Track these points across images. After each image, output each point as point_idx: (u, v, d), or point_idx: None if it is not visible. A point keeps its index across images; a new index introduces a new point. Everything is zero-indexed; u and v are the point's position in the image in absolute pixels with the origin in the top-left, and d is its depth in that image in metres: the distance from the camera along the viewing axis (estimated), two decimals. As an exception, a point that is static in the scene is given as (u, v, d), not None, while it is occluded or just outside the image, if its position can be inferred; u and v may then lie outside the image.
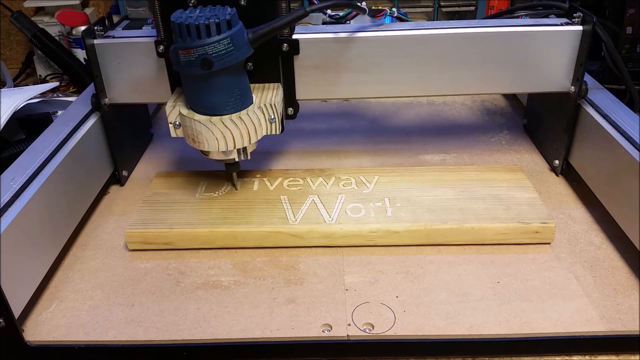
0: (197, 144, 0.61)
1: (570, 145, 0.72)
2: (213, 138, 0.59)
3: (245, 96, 0.60)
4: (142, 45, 0.67)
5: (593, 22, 0.64)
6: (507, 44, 0.66)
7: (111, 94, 0.70)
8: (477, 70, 0.68)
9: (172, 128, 0.63)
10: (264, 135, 0.62)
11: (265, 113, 0.61)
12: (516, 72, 0.68)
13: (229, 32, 0.55)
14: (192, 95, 0.60)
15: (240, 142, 0.61)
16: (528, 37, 0.66)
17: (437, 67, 0.67)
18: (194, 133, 0.60)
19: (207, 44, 0.54)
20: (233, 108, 0.59)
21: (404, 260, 0.60)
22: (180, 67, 0.57)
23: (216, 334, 0.52)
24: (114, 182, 0.75)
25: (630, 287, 0.56)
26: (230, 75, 0.58)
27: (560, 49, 0.67)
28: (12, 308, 0.50)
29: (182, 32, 0.55)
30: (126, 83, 0.69)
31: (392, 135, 0.86)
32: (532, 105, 0.85)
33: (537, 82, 0.69)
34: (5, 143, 0.79)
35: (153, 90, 0.69)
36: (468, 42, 0.66)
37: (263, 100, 0.62)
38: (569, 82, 0.69)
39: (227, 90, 0.58)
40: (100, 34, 0.68)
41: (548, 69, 0.68)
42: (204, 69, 0.55)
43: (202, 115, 0.59)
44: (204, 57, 0.55)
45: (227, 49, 0.55)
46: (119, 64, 0.68)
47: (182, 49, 0.55)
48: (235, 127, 0.59)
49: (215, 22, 0.54)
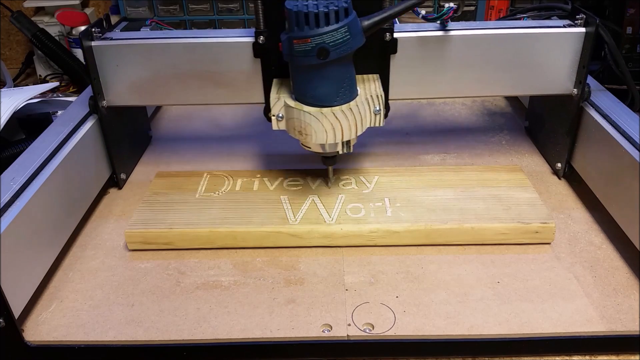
0: (305, 136, 0.60)
1: (573, 148, 0.71)
2: (322, 130, 0.58)
3: (353, 87, 0.60)
4: (140, 47, 0.66)
5: (596, 23, 0.64)
6: (510, 46, 0.66)
7: (109, 96, 0.69)
8: (479, 73, 0.67)
9: (275, 121, 0.61)
10: (367, 127, 0.61)
11: (371, 104, 0.60)
12: (518, 75, 0.68)
13: (346, 20, 0.54)
14: (301, 86, 0.58)
15: (347, 134, 0.60)
16: (530, 39, 0.66)
17: (438, 69, 0.67)
18: (301, 125, 0.59)
19: (325, 33, 0.53)
20: (342, 99, 0.58)
21: (404, 260, 0.60)
22: (292, 56, 0.56)
23: (216, 334, 0.52)
24: (112, 185, 0.75)
25: (630, 287, 0.56)
26: (343, 65, 0.57)
27: (562, 51, 0.66)
28: (12, 308, 0.50)
29: (299, 21, 0.53)
30: (124, 85, 0.68)
31: (392, 135, 0.86)
32: (533, 108, 0.84)
33: (540, 85, 0.69)
34: (5, 143, 0.79)
35: (151, 93, 0.69)
36: (470, 44, 0.66)
37: (368, 91, 0.61)
38: (571, 85, 0.68)
39: (338, 81, 0.57)
40: (98, 35, 0.67)
41: (550, 71, 0.68)
42: (319, 58, 0.54)
43: (312, 106, 0.58)
44: (321, 47, 0.54)
45: (344, 38, 0.54)
46: (117, 66, 0.67)
47: (298, 38, 0.54)
48: (345, 118, 0.58)
49: (334, 9, 0.53)
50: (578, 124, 0.69)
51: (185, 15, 1.16)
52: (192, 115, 0.95)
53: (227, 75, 0.67)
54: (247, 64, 0.66)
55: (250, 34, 0.65)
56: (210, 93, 0.69)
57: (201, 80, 0.68)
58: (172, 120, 0.94)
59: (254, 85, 0.68)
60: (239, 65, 0.66)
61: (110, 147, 0.72)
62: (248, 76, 0.67)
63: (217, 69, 0.67)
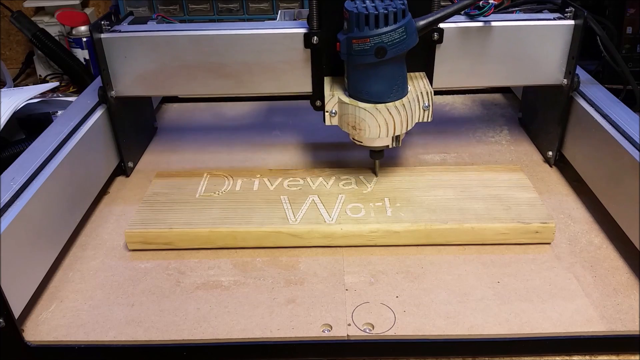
0: (358, 131, 0.62)
1: (563, 136, 0.73)
2: (376, 125, 0.61)
3: (405, 84, 0.62)
4: (148, 39, 0.68)
5: (584, 16, 0.66)
6: (502, 38, 0.68)
7: (117, 86, 0.71)
8: (473, 64, 0.69)
9: (328, 116, 0.64)
10: (416, 122, 0.64)
11: (421, 101, 0.63)
12: (511, 66, 0.70)
13: (403, 20, 0.57)
14: (358, 83, 0.61)
15: (399, 129, 0.62)
16: (522, 31, 0.68)
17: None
18: (355, 120, 0.62)
19: (384, 33, 0.56)
20: (395, 96, 0.61)
21: (404, 260, 0.60)
22: (350, 55, 0.59)
23: (216, 334, 0.52)
24: (119, 173, 0.77)
25: (630, 287, 0.56)
26: (397, 63, 0.60)
27: (553, 43, 0.69)
28: (12, 308, 0.50)
29: (359, 22, 0.56)
30: (132, 76, 0.71)
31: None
32: (527, 99, 0.87)
33: (531, 75, 0.71)
34: (5, 143, 0.79)
35: (158, 83, 0.71)
36: (463, 36, 0.68)
37: (417, 88, 0.64)
38: (561, 75, 0.70)
39: (393, 78, 0.60)
40: (107, 28, 0.69)
41: (542, 63, 0.70)
42: (377, 57, 0.57)
43: (366, 102, 0.61)
44: (380, 46, 0.56)
45: (401, 38, 0.57)
46: (125, 58, 0.69)
47: (357, 38, 0.57)
48: (398, 114, 0.61)
49: (393, 11, 0.56)
50: (568, 113, 0.72)
51: (185, 15, 1.16)
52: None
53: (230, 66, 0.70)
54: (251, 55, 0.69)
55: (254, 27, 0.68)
56: (213, 84, 0.71)
57: (206, 72, 0.70)
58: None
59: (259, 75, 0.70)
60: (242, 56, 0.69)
61: (118, 136, 0.74)
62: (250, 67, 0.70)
63: (221, 60, 0.69)
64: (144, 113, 0.86)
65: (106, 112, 0.73)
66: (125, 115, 0.75)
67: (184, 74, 0.70)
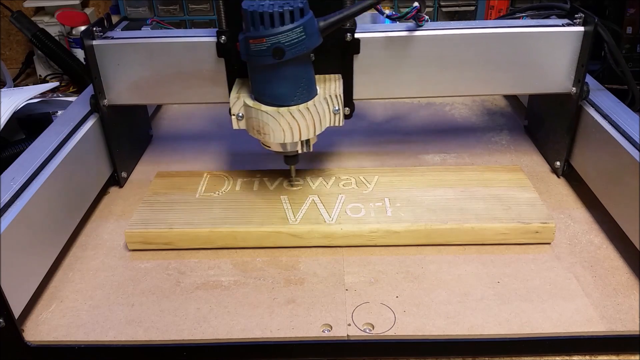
0: (263, 135, 0.60)
1: (572, 146, 0.71)
2: (280, 129, 0.59)
3: (312, 87, 0.60)
4: (141, 46, 0.66)
5: (595, 23, 0.64)
6: (509, 45, 0.66)
7: (110, 95, 0.70)
8: (479, 72, 0.68)
9: (235, 120, 0.62)
10: (327, 127, 0.62)
11: (330, 104, 0.61)
12: (517, 73, 0.68)
13: (301, 20, 0.54)
14: (259, 85, 0.59)
15: (305, 134, 0.60)
16: (529, 38, 0.66)
17: (438, 68, 0.67)
18: (259, 124, 0.59)
19: (280, 33, 0.54)
20: (300, 99, 0.59)
21: (404, 260, 0.60)
22: (249, 56, 0.56)
23: (216, 334, 0.52)
24: (113, 183, 0.75)
25: (630, 287, 0.56)
26: (299, 65, 0.57)
27: (561, 50, 0.66)
28: (12, 308, 0.50)
29: (254, 21, 0.54)
30: (125, 84, 0.69)
31: (392, 135, 0.86)
32: (533, 107, 0.84)
33: (539, 84, 0.69)
34: (5, 143, 0.79)
35: (152, 92, 0.69)
36: (468, 42, 0.66)
37: (327, 91, 0.62)
38: (570, 84, 0.68)
39: (296, 81, 0.58)
40: (99, 35, 0.68)
41: (549, 70, 0.68)
42: (275, 58, 0.55)
43: (269, 106, 0.59)
44: (277, 46, 0.54)
45: (299, 38, 0.55)
46: (118, 65, 0.67)
47: (253, 38, 0.54)
48: (302, 118, 0.59)
49: (289, 9, 0.54)
50: (577, 123, 0.70)
51: (185, 15, 1.16)
52: (192, 115, 0.95)
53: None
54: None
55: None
56: (210, 92, 0.69)
57: (202, 80, 0.68)
58: (173, 120, 0.94)
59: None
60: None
61: (111, 146, 0.72)
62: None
63: (218, 68, 0.67)
64: (139, 121, 0.84)
65: (98, 121, 0.70)
66: (119, 124, 0.73)
67: (179, 81, 0.68)
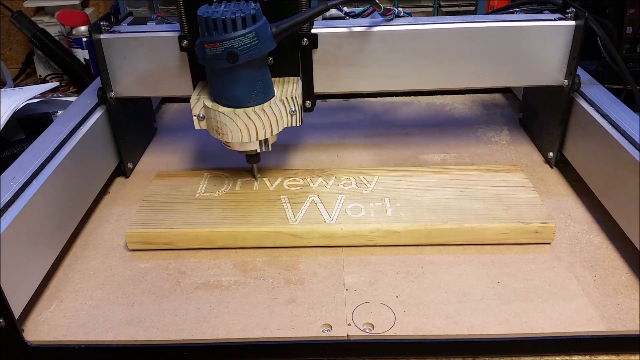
0: (221, 135, 0.63)
1: (564, 137, 0.73)
2: (237, 129, 0.61)
3: (268, 89, 0.62)
4: (147, 40, 0.68)
5: (585, 17, 0.66)
6: (503, 39, 0.68)
7: (117, 87, 0.72)
8: (473, 65, 0.69)
9: (196, 120, 0.64)
10: (284, 127, 0.64)
11: (287, 105, 0.63)
12: (511, 66, 0.70)
13: (254, 26, 0.57)
14: (216, 88, 0.62)
15: (262, 134, 0.62)
16: (523, 32, 0.68)
17: (434, 61, 0.69)
18: (218, 125, 0.62)
19: (233, 38, 0.56)
20: (256, 100, 0.61)
21: (404, 260, 0.60)
22: (205, 60, 0.59)
23: (216, 334, 0.52)
24: (119, 174, 0.77)
25: (630, 287, 0.56)
26: (254, 68, 0.60)
27: (554, 44, 0.68)
28: (12, 308, 0.50)
29: (209, 26, 0.56)
30: (131, 77, 0.71)
31: (392, 135, 0.86)
32: (527, 99, 0.86)
33: (532, 76, 0.71)
34: (5, 143, 0.79)
35: (157, 84, 0.71)
36: (464, 36, 0.68)
37: (284, 93, 0.64)
38: (562, 76, 0.70)
39: (251, 83, 0.60)
40: (106, 29, 0.70)
41: (542, 63, 0.70)
42: (229, 62, 0.57)
43: (227, 107, 0.61)
44: (230, 51, 0.57)
45: (252, 43, 0.57)
46: (125, 59, 0.69)
47: (208, 43, 0.57)
48: (258, 118, 0.61)
49: (241, 16, 0.56)
50: (569, 114, 0.72)
51: (185, 15, 1.16)
52: None
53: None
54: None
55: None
56: None
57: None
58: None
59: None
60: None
61: (117, 137, 0.74)
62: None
63: None
64: (144, 114, 0.86)
65: (105, 113, 0.73)
66: (125, 116, 0.75)
67: (183, 74, 0.69)
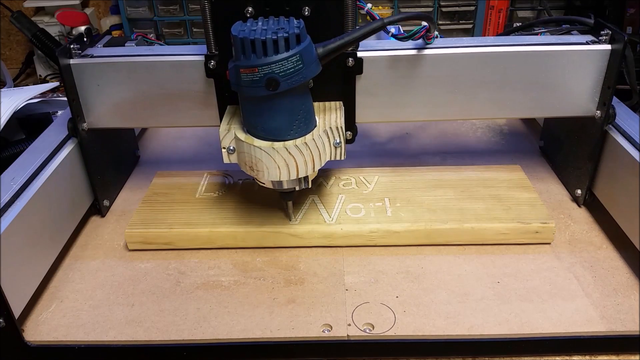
0: (256, 172, 0.54)
1: (595, 174, 0.65)
2: (275, 166, 0.53)
3: (310, 119, 0.54)
4: (124, 65, 0.61)
5: (624, 40, 0.58)
6: (527, 65, 0.60)
7: (90, 118, 0.64)
8: (494, 93, 0.62)
9: (226, 153, 0.56)
10: (327, 161, 0.56)
11: (331, 137, 0.55)
12: (536, 95, 0.62)
13: (298, 47, 0.49)
14: (251, 118, 0.53)
15: (303, 170, 0.54)
16: (550, 57, 0.60)
17: (449, 89, 0.62)
18: (252, 160, 0.54)
19: (274, 62, 0.48)
20: (297, 132, 0.53)
21: (404, 260, 0.60)
22: (240, 87, 0.50)
23: (216, 334, 0.52)
24: (94, 212, 0.69)
25: (630, 287, 0.56)
26: (296, 96, 0.52)
27: (585, 70, 0.60)
28: (12, 308, 0.50)
29: (245, 48, 0.48)
30: (106, 107, 0.63)
31: (392, 135, 0.86)
32: (549, 127, 0.78)
33: (559, 106, 0.63)
34: (5, 143, 0.79)
35: (136, 114, 0.64)
36: (483, 62, 0.60)
37: (328, 122, 0.56)
38: (594, 106, 0.62)
39: (292, 113, 0.52)
40: (77, 52, 0.61)
41: (571, 92, 0.62)
42: (269, 89, 0.49)
43: (263, 140, 0.53)
44: (270, 77, 0.48)
45: (295, 67, 0.49)
46: (98, 86, 0.62)
47: (244, 67, 0.49)
48: (300, 154, 0.53)
49: (284, 36, 0.48)
50: (601, 149, 0.63)
51: (185, 15, 1.16)
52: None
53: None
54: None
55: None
56: (199, 115, 0.63)
57: (190, 101, 0.62)
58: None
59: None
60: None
61: (91, 173, 0.66)
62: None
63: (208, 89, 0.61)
64: (124, 142, 0.77)
65: (77, 147, 0.64)
66: (100, 148, 0.67)
67: (165, 103, 0.62)
